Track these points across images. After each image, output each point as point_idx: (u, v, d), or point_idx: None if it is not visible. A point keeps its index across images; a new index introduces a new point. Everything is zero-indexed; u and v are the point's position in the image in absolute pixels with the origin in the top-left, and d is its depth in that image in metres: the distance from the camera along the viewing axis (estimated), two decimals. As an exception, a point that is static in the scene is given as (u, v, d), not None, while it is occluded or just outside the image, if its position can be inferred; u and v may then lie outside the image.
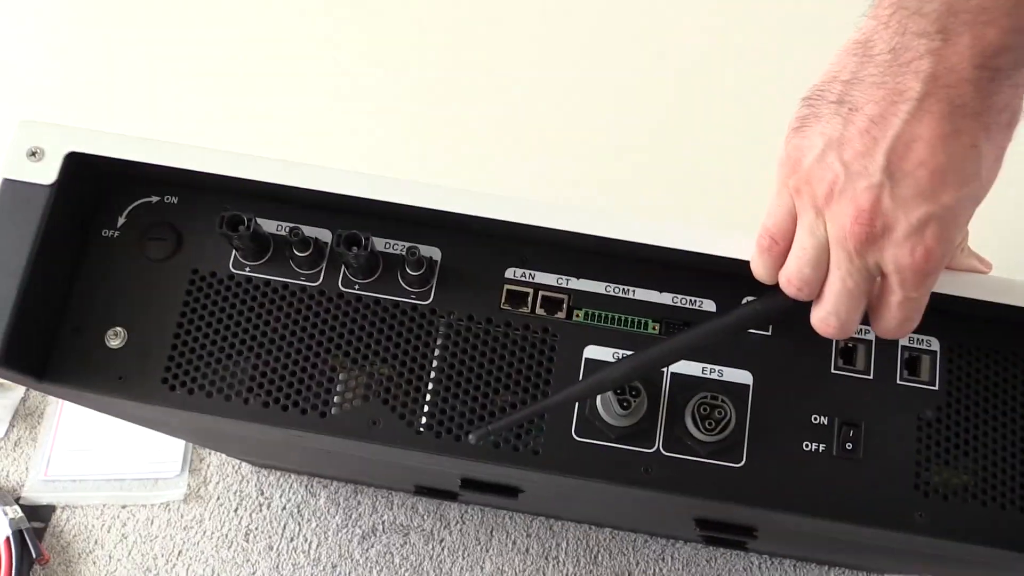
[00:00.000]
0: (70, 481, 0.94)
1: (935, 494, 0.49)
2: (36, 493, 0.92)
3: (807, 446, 0.49)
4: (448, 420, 0.49)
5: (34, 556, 0.87)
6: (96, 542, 0.91)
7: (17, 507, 0.89)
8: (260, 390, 0.48)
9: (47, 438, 0.94)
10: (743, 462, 0.48)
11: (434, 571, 0.94)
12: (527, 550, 0.96)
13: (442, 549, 0.95)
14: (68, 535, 0.91)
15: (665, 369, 0.49)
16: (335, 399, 0.49)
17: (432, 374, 0.49)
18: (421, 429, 0.48)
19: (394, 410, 0.49)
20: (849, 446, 0.49)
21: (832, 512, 0.48)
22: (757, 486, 0.48)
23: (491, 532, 0.96)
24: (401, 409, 0.49)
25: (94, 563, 0.91)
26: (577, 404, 0.48)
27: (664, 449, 0.48)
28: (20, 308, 0.46)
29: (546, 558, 0.96)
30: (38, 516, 0.91)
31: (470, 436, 0.45)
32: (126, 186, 0.51)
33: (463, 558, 0.95)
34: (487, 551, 0.96)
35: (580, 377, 0.49)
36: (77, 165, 0.48)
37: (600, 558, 0.96)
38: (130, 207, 0.51)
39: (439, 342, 0.50)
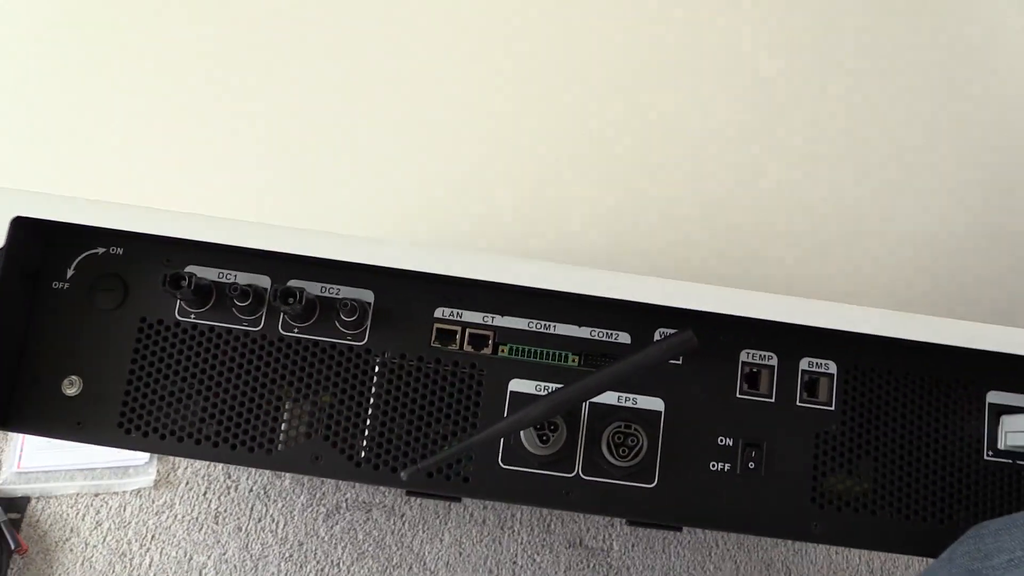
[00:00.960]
0: (43, 472, 0.98)
1: (830, 505, 0.54)
2: (11, 485, 0.96)
3: (714, 466, 0.54)
4: (385, 453, 0.53)
5: (12, 547, 0.91)
6: (72, 530, 0.96)
7: (-7, 501, 0.93)
8: (210, 431, 0.52)
9: (19, 433, 0.98)
10: (655, 483, 0.53)
11: (396, 545, 1.00)
12: (483, 521, 1.02)
13: (403, 524, 1.00)
14: (44, 525, 0.95)
15: (583, 400, 0.53)
16: (280, 436, 0.53)
17: (369, 411, 0.53)
18: (360, 463, 0.53)
19: (335, 445, 0.53)
20: (752, 465, 0.54)
21: (737, 525, 0.53)
22: (669, 504, 0.53)
23: (449, 506, 1.01)
24: (341, 444, 0.53)
25: (71, 550, 0.95)
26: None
27: (583, 473, 0.53)
28: (-22, 368, 0.49)
29: (502, 528, 1.02)
30: (14, 508, 0.95)
31: (402, 474, 0.50)
32: (73, 240, 0.54)
33: (423, 531, 1.01)
34: (446, 524, 1.01)
35: (506, 409, 0.54)
36: (24, 227, 0.51)
37: (552, 526, 1.02)
38: (78, 259, 0.54)
39: (375, 380, 0.54)
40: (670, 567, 1.01)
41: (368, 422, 0.53)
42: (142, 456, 0.99)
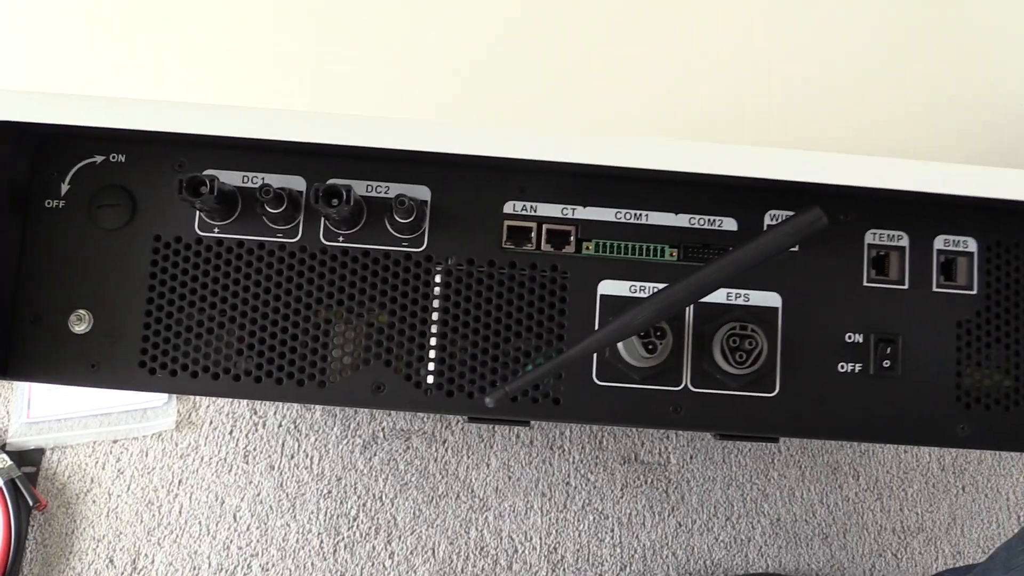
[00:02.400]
0: (55, 421, 0.90)
1: (977, 404, 0.46)
2: (22, 438, 0.89)
3: (843, 367, 0.46)
4: (458, 377, 0.45)
5: (30, 503, 0.84)
6: (92, 480, 0.89)
7: (4, 456, 0.86)
8: (249, 365, 0.44)
9: (19, 382, 0.90)
10: (776, 391, 0.45)
11: (440, 473, 0.93)
12: (531, 442, 0.95)
13: (446, 450, 0.94)
14: (62, 477, 0.88)
15: (688, 300, 0.45)
16: (333, 365, 0.44)
17: (435, 328, 0.45)
18: (429, 390, 0.45)
19: (399, 372, 0.45)
20: (887, 363, 0.46)
21: (872, 434, 0.46)
22: (793, 415, 0.45)
23: (493, 428, 0.95)
24: (406, 370, 0.45)
25: (94, 502, 0.88)
26: (596, 349, 0.44)
27: (692, 385, 0.45)
28: (-34, 307, 0.40)
29: (551, 448, 0.95)
30: (28, 461, 0.88)
31: (487, 399, 0.42)
32: (65, 148, 0.44)
33: (468, 457, 0.94)
34: (491, 447, 0.94)
35: (596, 315, 0.45)
36: (4, 133, 0.41)
37: (605, 443, 0.96)
38: (73, 171, 0.45)
39: (438, 292, 0.45)
40: (731, 477, 0.94)
41: (435, 341, 0.45)
42: (160, 397, 0.92)
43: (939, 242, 0.47)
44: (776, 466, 0.96)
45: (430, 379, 0.45)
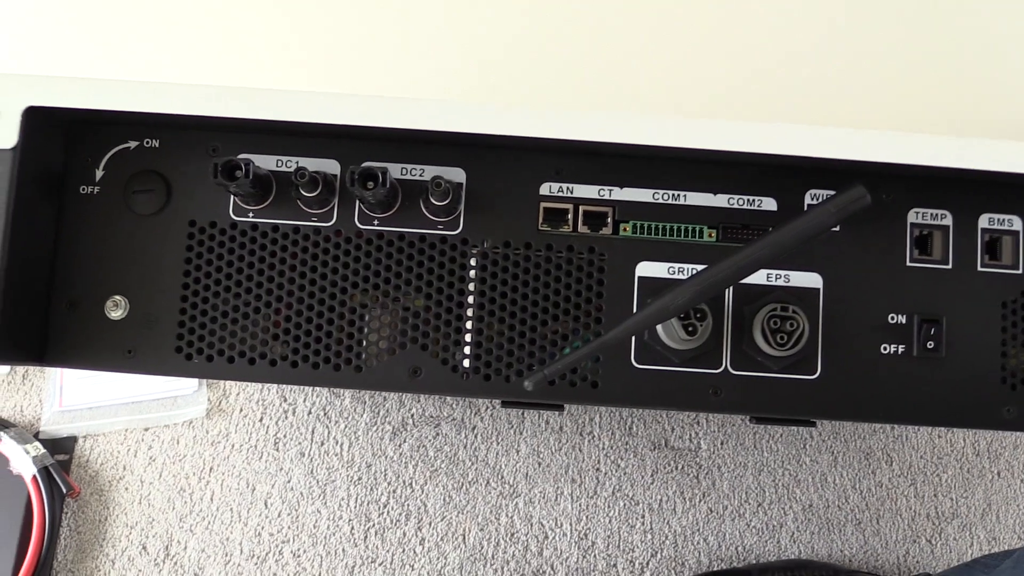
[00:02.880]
0: (87, 409, 0.91)
1: (1023, 386, 0.45)
2: (55, 426, 0.90)
3: (885, 348, 0.45)
4: (496, 360, 0.44)
5: (64, 491, 0.85)
6: (125, 468, 0.89)
7: (38, 444, 0.86)
8: (285, 349, 0.44)
9: (57, 368, 0.90)
10: (818, 373, 0.45)
11: (470, 459, 0.93)
12: (561, 428, 0.95)
13: (475, 437, 0.93)
14: (95, 464, 0.89)
15: (727, 281, 0.44)
16: (369, 350, 0.44)
17: (471, 311, 0.44)
18: (467, 374, 0.44)
19: (436, 356, 0.44)
20: (930, 344, 0.45)
21: (915, 416, 0.45)
22: (835, 397, 0.45)
23: (523, 414, 0.94)
24: (443, 354, 0.44)
25: (126, 489, 0.89)
26: (635, 332, 0.44)
27: (732, 368, 0.45)
28: (4, 293, 0.40)
29: (581, 434, 0.95)
30: (61, 449, 0.89)
31: (525, 383, 0.41)
32: (99, 134, 0.44)
33: (498, 443, 0.94)
34: (520, 434, 0.94)
35: (634, 297, 0.45)
36: (39, 120, 0.41)
37: (635, 428, 0.95)
38: (107, 157, 0.45)
39: (475, 274, 0.45)
40: (763, 463, 0.94)
41: (471, 325, 0.44)
42: (190, 384, 0.92)
43: (983, 221, 0.46)
44: (808, 451, 0.95)
45: (467, 363, 0.44)
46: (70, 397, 0.91)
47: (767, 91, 0.60)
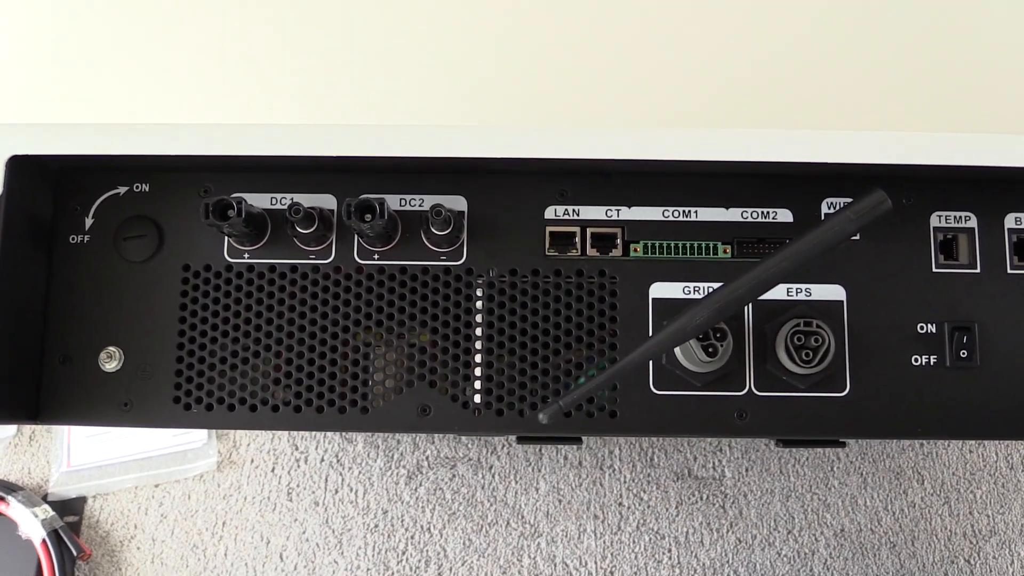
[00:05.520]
0: (95, 468, 0.89)
1: (1065, 392, 0.43)
2: (63, 487, 0.88)
3: (916, 360, 0.43)
4: (508, 394, 0.42)
5: (75, 553, 0.83)
6: (136, 526, 0.87)
7: (47, 506, 0.84)
8: (287, 394, 0.42)
9: (63, 427, 0.88)
10: (847, 390, 0.42)
11: (488, 500, 0.90)
12: (580, 463, 0.92)
13: (493, 476, 0.91)
14: (105, 525, 0.87)
15: (746, 298, 0.42)
16: (375, 390, 0.42)
17: (480, 344, 0.43)
18: (478, 410, 0.42)
19: (444, 392, 0.42)
20: (964, 353, 0.43)
21: (954, 430, 0.43)
22: (867, 415, 0.42)
23: (540, 450, 0.92)
24: (452, 390, 0.42)
25: (138, 548, 0.87)
26: (653, 356, 0.42)
27: (757, 389, 0.42)
28: (-7, 350, 0.39)
29: (601, 468, 0.92)
30: (70, 510, 0.87)
31: (540, 416, 0.39)
32: (87, 180, 0.43)
33: (516, 482, 0.91)
34: (539, 470, 0.92)
35: (649, 320, 0.43)
36: (23, 169, 0.40)
37: (656, 459, 0.92)
38: (96, 204, 0.43)
39: (481, 305, 0.43)
40: (791, 489, 0.91)
41: (480, 359, 0.42)
42: (199, 437, 0.90)
43: (1010, 220, 0.44)
44: (836, 474, 0.92)
45: (477, 398, 0.42)
46: (78, 456, 0.89)
47: (773, 96, 0.59)
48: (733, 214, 0.44)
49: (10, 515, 0.82)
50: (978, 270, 0.44)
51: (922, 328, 0.43)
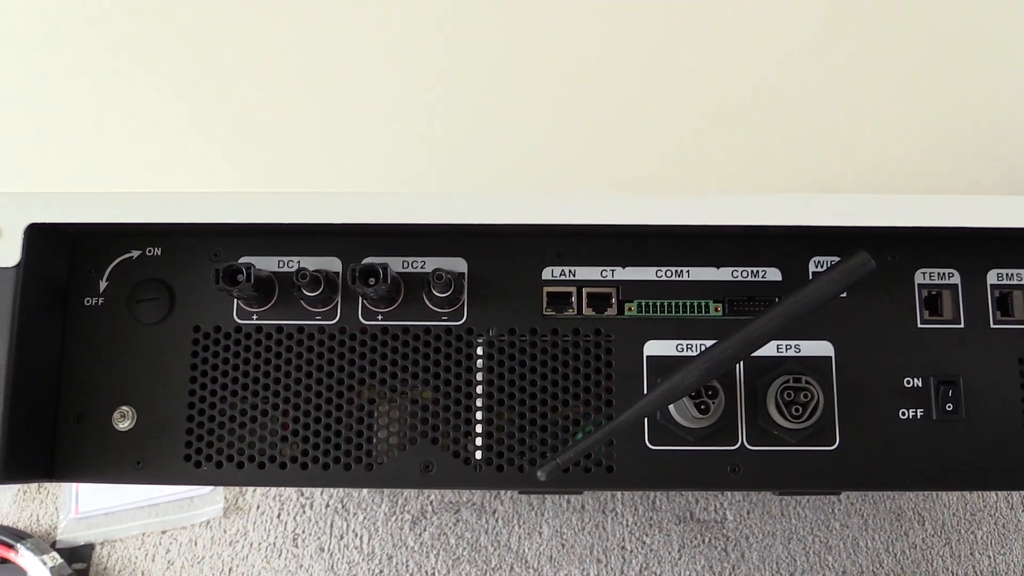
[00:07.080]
0: (103, 515, 0.90)
1: (1050, 443, 0.44)
2: (71, 534, 0.88)
3: (904, 414, 0.44)
4: (507, 450, 0.44)
5: (82, 601, 0.84)
6: (143, 573, 0.88)
7: (55, 554, 0.85)
8: (295, 451, 0.43)
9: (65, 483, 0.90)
10: (837, 443, 0.44)
11: (492, 545, 0.91)
12: (583, 507, 0.93)
13: (497, 521, 0.92)
14: (113, 572, 0.88)
15: (737, 355, 0.44)
16: (379, 447, 0.44)
17: (480, 401, 0.44)
18: (479, 466, 0.44)
19: (446, 449, 0.44)
20: (949, 406, 0.44)
21: (942, 482, 0.44)
22: (857, 468, 0.44)
23: (544, 497, 0.93)
24: (454, 446, 0.44)
25: (145, 596, 0.87)
26: (647, 412, 0.43)
27: (749, 444, 0.44)
28: (10, 411, 0.40)
29: (603, 512, 0.93)
30: (78, 557, 0.88)
31: (539, 473, 0.40)
32: (101, 245, 0.45)
33: (519, 527, 0.92)
34: (542, 515, 0.92)
35: (644, 377, 0.44)
36: (41, 236, 0.42)
37: (658, 503, 0.93)
38: (110, 268, 0.45)
39: (482, 364, 0.44)
40: (792, 531, 0.91)
41: (480, 416, 0.44)
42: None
43: (992, 276, 0.45)
44: (837, 516, 0.93)
45: (479, 454, 0.44)
46: (86, 503, 0.91)
47: (760, 160, 0.61)
48: (724, 273, 0.45)
49: (19, 563, 0.83)
50: (962, 325, 0.45)
51: (908, 382, 0.44)
